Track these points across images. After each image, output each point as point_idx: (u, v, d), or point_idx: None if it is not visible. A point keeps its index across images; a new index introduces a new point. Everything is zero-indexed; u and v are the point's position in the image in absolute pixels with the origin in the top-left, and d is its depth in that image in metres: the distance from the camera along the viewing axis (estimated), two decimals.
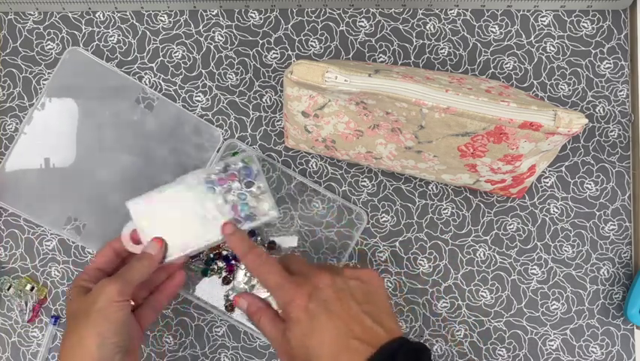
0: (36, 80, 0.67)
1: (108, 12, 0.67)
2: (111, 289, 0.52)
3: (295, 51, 0.67)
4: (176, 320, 0.66)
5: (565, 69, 0.66)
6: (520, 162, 0.55)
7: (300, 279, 0.51)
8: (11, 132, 0.66)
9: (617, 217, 0.66)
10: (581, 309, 0.65)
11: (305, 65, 0.52)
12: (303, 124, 0.58)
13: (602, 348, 0.65)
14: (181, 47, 0.67)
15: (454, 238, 0.66)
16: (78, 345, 0.51)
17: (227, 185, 0.57)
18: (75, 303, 0.54)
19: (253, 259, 0.53)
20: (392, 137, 0.56)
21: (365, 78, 0.51)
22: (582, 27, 0.66)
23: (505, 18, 0.66)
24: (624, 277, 0.65)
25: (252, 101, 0.66)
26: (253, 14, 0.67)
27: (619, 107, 0.66)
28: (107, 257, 0.58)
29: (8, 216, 0.66)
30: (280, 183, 0.66)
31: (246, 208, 0.57)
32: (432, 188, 0.66)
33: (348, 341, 0.47)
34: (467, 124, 0.51)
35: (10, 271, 0.66)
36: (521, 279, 0.66)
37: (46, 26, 0.67)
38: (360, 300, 0.50)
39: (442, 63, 0.66)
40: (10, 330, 0.66)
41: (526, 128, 0.50)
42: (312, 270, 0.52)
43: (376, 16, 0.67)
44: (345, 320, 0.48)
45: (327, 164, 0.66)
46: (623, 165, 0.66)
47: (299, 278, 0.51)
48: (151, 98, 0.66)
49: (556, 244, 0.66)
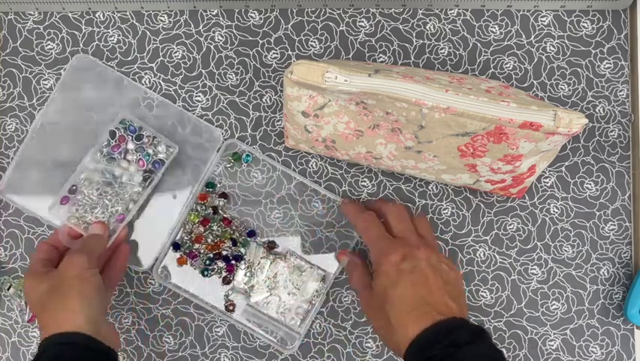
0: (36, 80, 0.66)
1: (108, 12, 0.67)
2: (80, 259, 0.56)
3: (295, 51, 0.67)
4: (176, 320, 0.66)
5: (565, 69, 0.66)
6: (520, 162, 0.55)
7: (400, 241, 0.56)
8: (11, 132, 0.66)
9: (617, 217, 0.66)
10: (581, 309, 0.65)
11: (305, 65, 0.51)
12: (303, 124, 0.58)
13: (602, 348, 0.65)
14: (181, 47, 0.67)
15: (454, 237, 0.66)
16: (62, 311, 0.53)
17: (122, 148, 0.62)
18: (45, 281, 0.55)
19: (365, 218, 0.59)
20: (392, 137, 0.56)
21: (365, 78, 0.51)
22: (582, 27, 0.66)
23: (505, 18, 0.66)
24: (624, 277, 0.65)
25: (252, 101, 0.66)
26: (253, 14, 0.67)
27: (619, 107, 0.66)
28: (48, 251, 0.60)
29: (8, 216, 0.66)
30: (280, 183, 0.66)
31: (148, 158, 0.61)
32: (432, 188, 0.66)
33: (424, 303, 0.51)
34: (467, 124, 0.51)
35: (10, 271, 0.66)
36: (521, 279, 0.66)
37: (46, 26, 0.67)
38: (446, 281, 0.54)
39: (442, 63, 0.66)
40: (10, 330, 0.66)
41: (526, 128, 0.50)
42: (414, 240, 0.57)
43: (376, 16, 0.67)
44: (428, 289, 0.52)
45: (327, 164, 0.66)
46: (623, 165, 0.66)
47: (399, 240, 0.56)
48: (151, 98, 0.66)
49: (557, 244, 0.66)
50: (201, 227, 0.64)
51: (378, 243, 0.57)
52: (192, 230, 0.65)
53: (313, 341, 0.65)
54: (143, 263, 0.65)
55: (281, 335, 0.64)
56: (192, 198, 0.65)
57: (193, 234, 0.65)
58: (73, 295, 0.54)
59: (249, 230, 0.65)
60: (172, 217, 0.65)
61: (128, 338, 0.66)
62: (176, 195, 0.65)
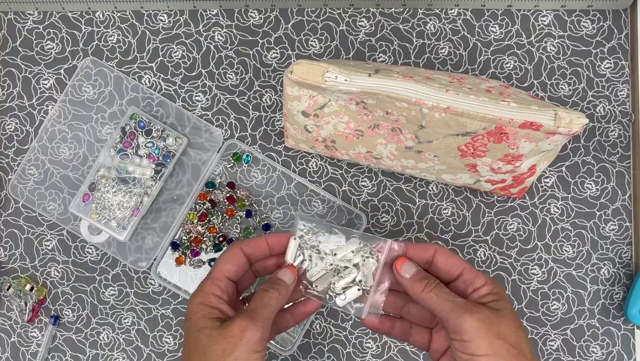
0: (35, 80, 0.66)
1: (108, 12, 0.67)
2: (252, 337, 0.44)
3: (295, 51, 0.67)
4: (176, 320, 0.66)
5: (565, 69, 0.66)
6: (521, 161, 0.55)
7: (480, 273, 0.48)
8: (11, 132, 0.66)
9: (617, 217, 0.65)
10: (582, 309, 0.65)
11: (305, 65, 0.51)
12: (303, 124, 0.58)
13: (603, 348, 0.65)
14: (181, 46, 0.67)
15: (454, 238, 0.66)
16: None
17: (134, 143, 0.63)
18: (206, 334, 0.45)
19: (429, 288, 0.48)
20: (392, 137, 0.56)
21: (365, 78, 0.51)
22: (582, 27, 0.66)
23: (505, 18, 0.66)
24: (624, 277, 0.65)
25: (251, 101, 0.66)
26: (253, 14, 0.67)
27: (619, 106, 0.66)
28: (238, 264, 0.50)
29: (8, 216, 0.66)
30: (280, 183, 0.66)
31: (158, 152, 0.62)
32: (432, 188, 0.66)
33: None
34: (467, 124, 0.51)
35: (10, 271, 0.66)
36: (522, 279, 0.65)
37: (46, 26, 0.67)
38: None
39: (443, 63, 0.66)
40: (9, 330, 0.66)
41: (526, 128, 0.50)
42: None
43: (376, 15, 0.66)
44: None
45: (327, 164, 0.66)
46: (623, 165, 0.66)
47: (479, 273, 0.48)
48: (151, 97, 0.66)
49: (557, 244, 0.65)
50: (199, 227, 0.64)
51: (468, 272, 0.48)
52: (191, 230, 0.64)
53: (313, 341, 0.65)
54: (142, 263, 0.65)
55: (280, 336, 0.64)
56: (192, 198, 0.65)
57: (192, 234, 0.65)
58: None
59: (264, 224, 0.65)
60: (172, 217, 0.65)
61: (128, 338, 0.66)
62: (176, 195, 0.65)
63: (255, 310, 0.46)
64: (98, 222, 0.63)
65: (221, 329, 0.45)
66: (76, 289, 0.66)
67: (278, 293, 0.48)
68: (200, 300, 0.47)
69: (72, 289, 0.66)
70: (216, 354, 0.44)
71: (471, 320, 0.44)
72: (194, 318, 0.46)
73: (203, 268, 0.65)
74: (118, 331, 0.66)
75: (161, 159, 0.64)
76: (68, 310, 0.66)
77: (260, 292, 0.48)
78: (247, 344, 0.44)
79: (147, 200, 0.64)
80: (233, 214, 0.65)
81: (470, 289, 0.48)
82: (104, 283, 0.66)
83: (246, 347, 0.44)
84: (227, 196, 0.64)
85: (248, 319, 0.45)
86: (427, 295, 0.47)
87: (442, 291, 0.47)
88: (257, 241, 0.51)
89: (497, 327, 0.44)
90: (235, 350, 0.44)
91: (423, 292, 0.47)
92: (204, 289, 0.48)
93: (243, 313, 0.46)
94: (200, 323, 0.46)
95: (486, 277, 0.48)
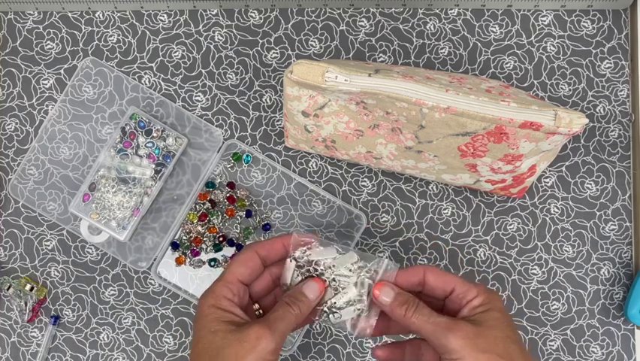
0: (35, 80, 0.66)
1: (108, 12, 0.67)
2: (266, 347, 0.44)
3: (295, 51, 0.67)
4: (176, 320, 0.66)
5: (565, 69, 0.66)
6: (521, 161, 0.55)
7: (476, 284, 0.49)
8: (10, 132, 0.66)
9: (617, 217, 0.65)
10: (582, 309, 0.65)
11: (305, 65, 0.51)
12: (303, 124, 0.58)
13: (603, 348, 0.65)
14: (181, 46, 0.67)
15: (454, 238, 0.66)
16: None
17: (134, 143, 0.63)
18: (220, 336, 0.45)
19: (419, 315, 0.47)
20: (392, 137, 0.56)
21: (365, 78, 0.51)
22: (582, 27, 0.66)
23: (505, 18, 0.66)
24: (624, 277, 0.65)
25: (251, 101, 0.66)
26: (253, 14, 0.67)
27: (619, 106, 0.66)
28: (252, 268, 0.49)
29: (8, 216, 0.66)
30: (280, 183, 0.66)
31: (158, 152, 0.62)
32: (432, 188, 0.66)
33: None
34: (467, 124, 0.51)
35: (10, 271, 0.66)
36: (522, 279, 0.65)
37: (46, 26, 0.67)
38: None
39: (443, 63, 0.66)
40: (9, 330, 0.66)
41: (526, 128, 0.50)
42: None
43: (376, 15, 0.66)
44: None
45: (327, 164, 0.66)
46: (623, 165, 0.66)
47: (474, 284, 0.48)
48: (151, 97, 0.66)
49: (557, 244, 0.65)
50: (199, 227, 0.64)
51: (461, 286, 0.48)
52: (191, 230, 0.64)
53: (313, 341, 0.65)
54: (142, 263, 0.65)
55: None
56: (192, 198, 0.65)
57: (192, 234, 0.65)
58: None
59: (264, 223, 0.65)
60: (172, 217, 0.65)
61: (128, 338, 0.66)
62: (176, 195, 0.65)
63: (274, 320, 0.46)
64: (98, 222, 0.63)
65: (236, 332, 0.45)
66: (76, 289, 0.66)
67: (299, 310, 0.47)
68: (212, 302, 0.47)
69: (72, 289, 0.66)
70: (229, 358, 0.44)
71: (454, 339, 0.44)
72: (207, 320, 0.46)
73: (203, 268, 0.65)
74: (118, 331, 0.66)
75: (161, 159, 0.64)
76: (68, 310, 0.66)
77: (282, 304, 0.47)
78: (261, 353, 0.44)
79: (147, 200, 0.64)
80: (233, 214, 0.65)
81: (464, 302, 0.48)
82: (104, 283, 0.66)
83: (259, 354, 0.43)
84: (227, 196, 0.64)
85: (266, 327, 0.44)
86: (409, 321, 0.47)
87: (421, 314, 0.46)
88: (272, 242, 0.50)
89: (482, 340, 0.44)
90: (248, 355, 0.43)
91: (404, 317, 0.47)
92: (216, 291, 0.47)
93: (261, 321, 0.45)
94: (214, 326, 0.45)
95: (478, 288, 0.48)
